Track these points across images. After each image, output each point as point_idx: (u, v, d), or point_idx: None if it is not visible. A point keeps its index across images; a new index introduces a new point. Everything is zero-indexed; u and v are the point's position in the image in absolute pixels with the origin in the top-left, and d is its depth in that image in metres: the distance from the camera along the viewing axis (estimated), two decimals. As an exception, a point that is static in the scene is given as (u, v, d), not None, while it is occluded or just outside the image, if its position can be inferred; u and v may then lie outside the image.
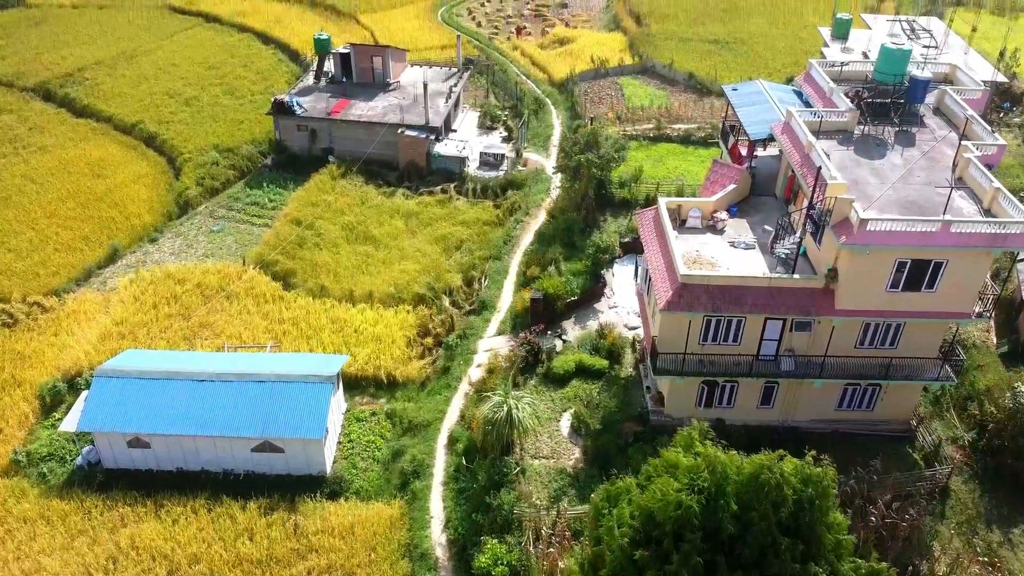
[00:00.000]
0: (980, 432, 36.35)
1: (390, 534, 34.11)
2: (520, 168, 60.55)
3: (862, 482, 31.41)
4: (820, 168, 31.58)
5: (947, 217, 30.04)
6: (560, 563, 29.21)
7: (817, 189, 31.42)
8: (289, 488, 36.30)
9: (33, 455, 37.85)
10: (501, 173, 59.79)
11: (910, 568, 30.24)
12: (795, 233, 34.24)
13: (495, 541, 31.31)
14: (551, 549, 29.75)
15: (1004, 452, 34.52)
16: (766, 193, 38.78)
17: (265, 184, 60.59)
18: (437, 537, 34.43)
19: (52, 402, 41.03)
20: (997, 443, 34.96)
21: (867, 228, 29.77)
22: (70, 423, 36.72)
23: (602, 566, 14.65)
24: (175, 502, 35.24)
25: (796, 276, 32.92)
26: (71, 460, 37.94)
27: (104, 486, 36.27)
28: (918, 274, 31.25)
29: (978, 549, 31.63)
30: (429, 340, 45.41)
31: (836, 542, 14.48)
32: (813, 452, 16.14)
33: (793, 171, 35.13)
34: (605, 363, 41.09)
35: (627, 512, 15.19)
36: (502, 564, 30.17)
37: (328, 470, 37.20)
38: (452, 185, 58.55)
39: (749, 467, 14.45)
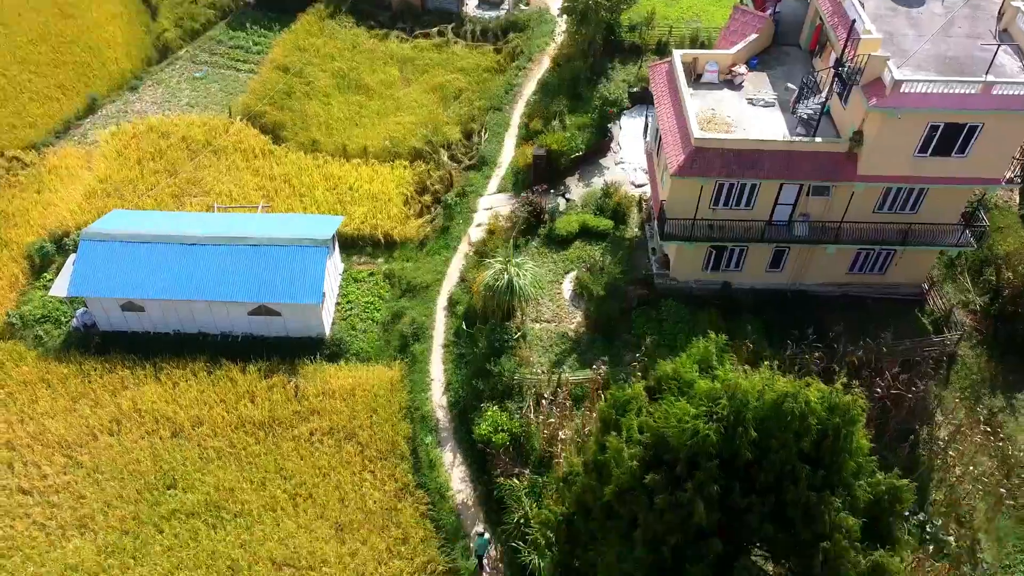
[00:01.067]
0: (994, 297, 35.48)
1: (391, 396, 34.13)
2: (523, 6, 56.10)
3: (871, 353, 30.83)
4: (854, 21, 28.57)
5: (989, 79, 27.45)
6: (560, 433, 29.19)
7: (848, 45, 28.58)
8: (288, 351, 35.99)
9: (27, 318, 37.28)
10: (502, 13, 55.49)
11: (911, 437, 30.31)
12: (820, 93, 31.61)
13: (495, 408, 31.22)
14: (551, 420, 29.63)
15: (1017, 318, 33.76)
16: (790, 43, 35.63)
17: (248, 25, 56.33)
18: (438, 400, 34.47)
19: (41, 263, 39.99)
20: (1011, 309, 34.13)
21: (901, 90, 27.29)
22: (60, 288, 35.85)
23: (608, 474, 14.02)
24: (174, 365, 35.04)
25: (818, 139, 30.72)
26: (66, 322, 37.42)
27: (102, 349, 35.97)
28: (950, 138, 29.05)
29: (980, 417, 31.58)
30: (427, 198, 43.70)
31: (858, 467, 13.75)
32: (844, 379, 15.09)
33: (822, 20, 31.98)
34: (610, 224, 39.58)
35: (635, 424, 14.37)
36: (502, 431, 30.20)
37: (327, 332, 36.75)
38: (449, 27, 54.46)
39: (771, 394, 13.41)
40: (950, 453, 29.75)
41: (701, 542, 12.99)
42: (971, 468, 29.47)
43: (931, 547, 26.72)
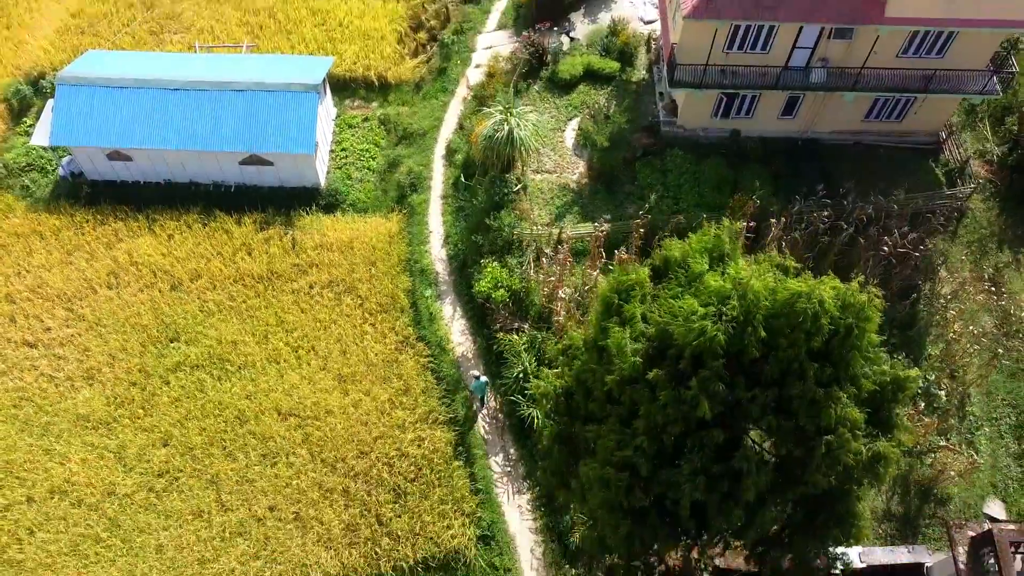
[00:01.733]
0: (1013, 147, 34.13)
1: (389, 249, 33.71)
2: None
3: (880, 210, 29.99)
4: None
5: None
6: (560, 291, 28.98)
7: None
8: (283, 201, 35.15)
9: (12, 166, 36.09)
10: None
11: (913, 295, 30.14)
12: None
13: (495, 264, 30.85)
14: (552, 277, 29.31)
15: (1035, 171, 32.69)
16: None
17: None
18: (437, 252, 34.06)
19: (20, 107, 38.22)
20: (1030, 160, 32.97)
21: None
22: (41, 136, 34.37)
23: (609, 361, 13.72)
24: (168, 217, 34.33)
25: (846, -24, 28.20)
26: (52, 171, 36.33)
27: (92, 199, 35.12)
28: (990, -26, 26.64)
29: (985, 274, 31.25)
30: (422, 35, 41.07)
31: (867, 362, 13.35)
32: (861, 278, 14.33)
33: None
34: (616, 66, 37.38)
35: (639, 313, 13.84)
36: (502, 288, 29.99)
37: (322, 182, 35.72)
38: None
39: (784, 293, 12.73)
40: (950, 312, 29.66)
41: (703, 432, 12.96)
42: (971, 328, 29.49)
43: (922, 403, 27.24)
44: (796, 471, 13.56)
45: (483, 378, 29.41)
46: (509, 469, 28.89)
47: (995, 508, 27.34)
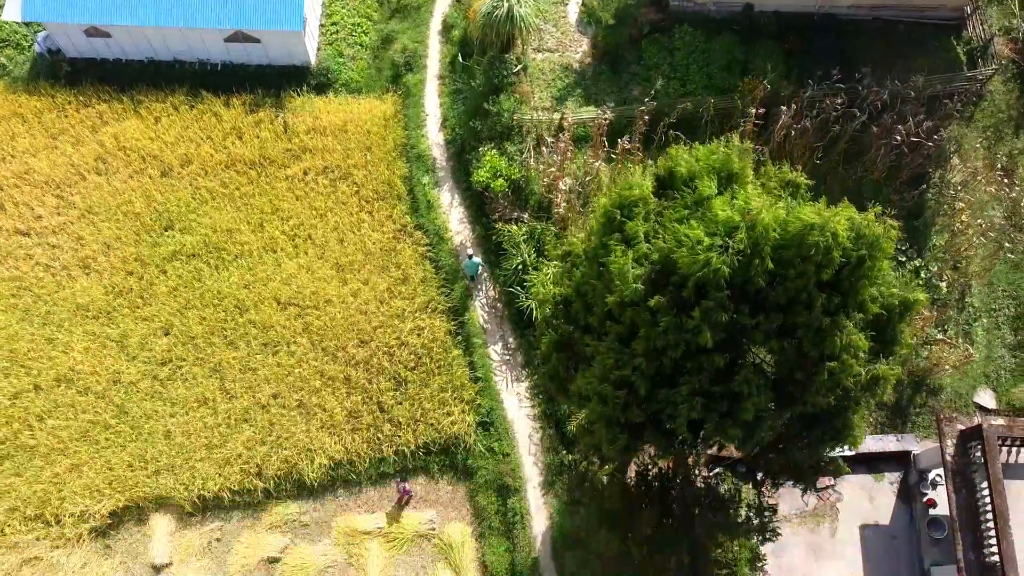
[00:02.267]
0: (1039, 23, 32.31)
1: (384, 133, 32.62)
2: None
3: (896, 96, 28.70)
4: None
5: None
6: (560, 182, 28.21)
7: None
8: (272, 81, 33.66)
9: (-15, 42, 34.37)
10: None
11: (923, 186, 29.39)
12: None
13: (493, 151, 29.90)
14: (553, 168, 28.46)
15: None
16: None
17: None
18: (434, 137, 32.99)
19: (-12, -24, 35.86)
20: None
21: None
22: (12, 10, 32.37)
23: (610, 280, 13.30)
24: (153, 98, 32.99)
25: None
26: (28, 47, 34.62)
27: (73, 79, 33.62)
28: None
29: (998, 162, 30.35)
30: None
31: (877, 291, 12.88)
32: (878, 208, 13.57)
33: None
34: (623, -69, 34.73)
35: (642, 231, 13.26)
36: (500, 177, 29.21)
37: (312, 61, 34.06)
38: None
39: (796, 224, 12.07)
40: (959, 202, 29.01)
41: (703, 356, 12.80)
42: (979, 221, 28.93)
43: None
44: (796, 392, 13.54)
45: (476, 258, 29.21)
46: (508, 357, 29.21)
47: (985, 398, 27.84)
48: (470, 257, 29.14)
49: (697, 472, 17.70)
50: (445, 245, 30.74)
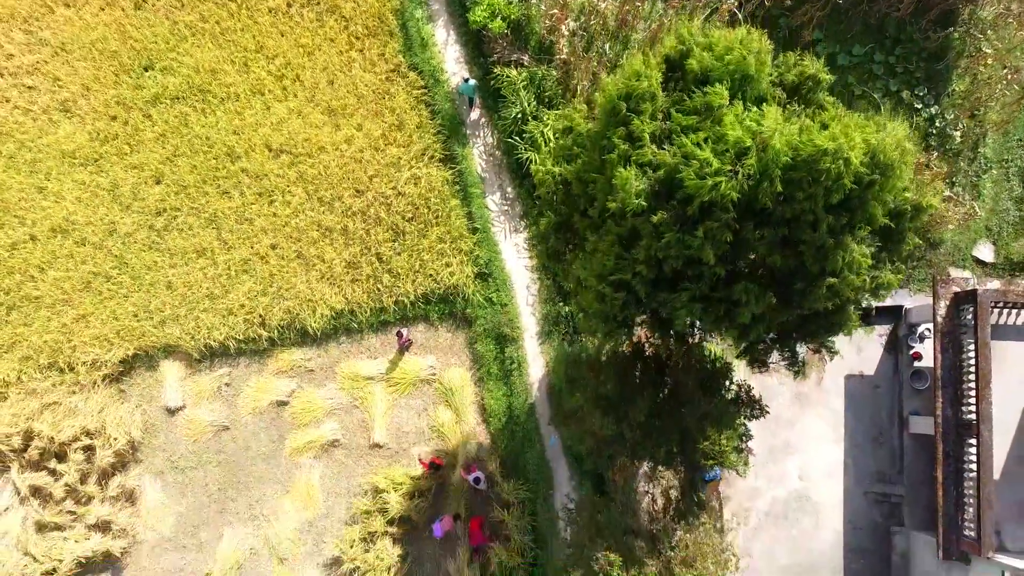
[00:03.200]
0: None
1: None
2: None
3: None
4: None
5: None
6: (563, 25, 26.27)
7: None
8: None
9: None
10: None
11: (951, 28, 27.41)
12: None
13: (492, -14, 27.63)
14: (554, 11, 26.40)
15: None
16: None
17: None
18: (428, -37, 30.32)
19: None
20: None
21: None
22: None
23: (611, 177, 12.61)
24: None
25: None
26: None
27: None
28: None
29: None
30: None
31: (886, 205, 12.08)
32: (906, 126, 12.31)
33: None
34: None
35: (648, 131, 12.28)
36: (499, 18, 27.23)
37: None
38: None
39: (809, 148, 11.07)
40: (984, 48, 27.22)
41: (704, 265, 12.44)
42: (1005, 69, 27.30)
43: (935, 153, 26.27)
44: (795, 299, 13.37)
45: (472, 80, 27.98)
46: (506, 208, 28.84)
47: (985, 251, 27.80)
48: (466, 80, 27.85)
49: (694, 352, 17.98)
50: (441, 88, 29.27)
